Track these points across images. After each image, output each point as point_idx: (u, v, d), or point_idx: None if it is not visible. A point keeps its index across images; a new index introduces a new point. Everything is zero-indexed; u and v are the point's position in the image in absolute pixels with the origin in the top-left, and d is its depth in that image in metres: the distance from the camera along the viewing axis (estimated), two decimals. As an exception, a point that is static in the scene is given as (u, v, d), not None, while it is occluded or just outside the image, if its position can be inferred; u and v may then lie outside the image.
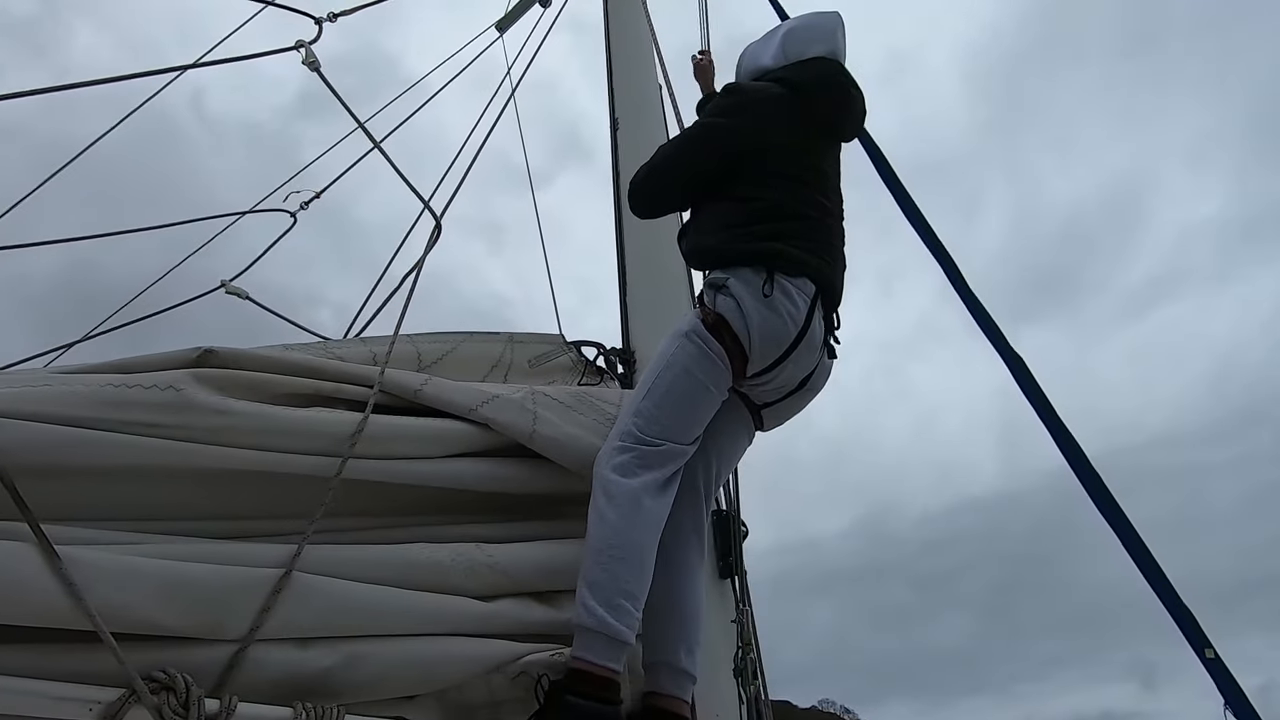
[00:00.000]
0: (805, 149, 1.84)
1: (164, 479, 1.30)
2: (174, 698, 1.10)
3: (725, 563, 2.20)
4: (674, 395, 1.64)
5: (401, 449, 1.54)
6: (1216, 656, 1.88)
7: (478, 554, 1.54)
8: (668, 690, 1.54)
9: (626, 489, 1.53)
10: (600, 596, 1.41)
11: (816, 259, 1.71)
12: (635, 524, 1.50)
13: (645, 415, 1.63)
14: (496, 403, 1.71)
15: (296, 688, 1.24)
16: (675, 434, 1.63)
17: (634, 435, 1.61)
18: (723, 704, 1.94)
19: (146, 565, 1.16)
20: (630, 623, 1.42)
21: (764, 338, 1.63)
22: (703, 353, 1.65)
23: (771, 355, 1.66)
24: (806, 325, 1.67)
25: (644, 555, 1.49)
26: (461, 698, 1.49)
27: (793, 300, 1.66)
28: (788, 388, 1.76)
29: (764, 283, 1.64)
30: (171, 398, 1.26)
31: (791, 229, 1.72)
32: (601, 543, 1.48)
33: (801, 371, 1.73)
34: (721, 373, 1.66)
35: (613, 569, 1.44)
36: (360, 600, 1.34)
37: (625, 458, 1.58)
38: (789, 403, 1.80)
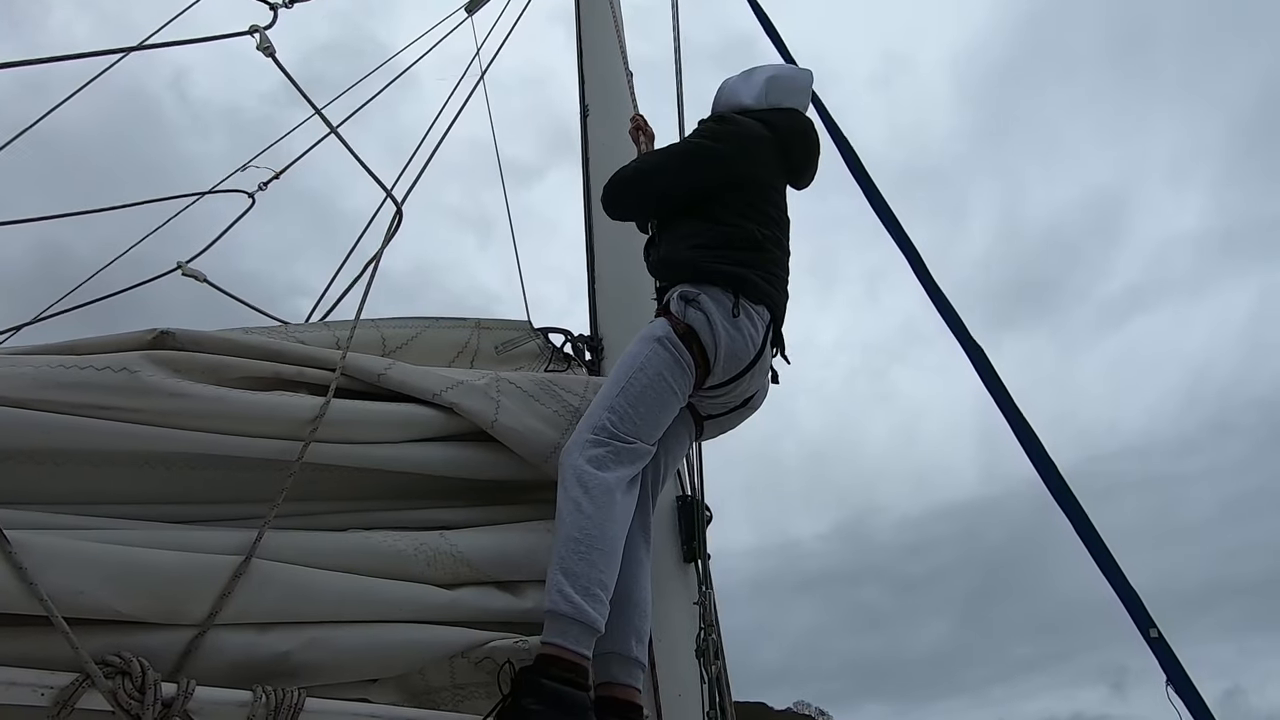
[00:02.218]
0: (774, 188, 2.03)
1: (118, 463, 1.28)
2: (129, 682, 1.09)
3: (689, 547, 2.24)
4: (648, 397, 1.70)
5: (364, 433, 1.54)
6: (1160, 636, 1.96)
7: (440, 542, 1.55)
8: (620, 679, 1.57)
9: (603, 482, 1.56)
10: (578, 585, 1.43)
11: (773, 290, 1.86)
12: (611, 517, 1.53)
13: (619, 412, 1.67)
14: (461, 388, 1.71)
15: (256, 672, 1.24)
16: (645, 434, 1.69)
17: (608, 430, 1.64)
18: (684, 684, 1.98)
19: (101, 551, 1.15)
20: (603, 612, 1.44)
21: (729, 354, 1.75)
22: (675, 360, 1.72)
23: (731, 371, 1.78)
24: (762, 349, 1.81)
25: (618, 548, 1.53)
26: (424, 681, 1.50)
27: (754, 324, 1.79)
28: (733, 404, 1.89)
29: (733, 305, 1.76)
30: (125, 379, 1.24)
31: (757, 259, 1.86)
32: (579, 532, 1.49)
33: (750, 389, 1.86)
34: (688, 381, 1.75)
35: (590, 558, 1.46)
36: (321, 587, 1.34)
37: (600, 451, 1.61)
38: (731, 417, 1.95)
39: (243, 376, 1.44)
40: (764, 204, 1.96)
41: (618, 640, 1.59)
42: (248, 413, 1.38)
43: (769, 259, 1.88)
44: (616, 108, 3.24)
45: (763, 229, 1.90)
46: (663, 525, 2.28)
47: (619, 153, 3.09)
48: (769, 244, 1.90)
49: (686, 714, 1.94)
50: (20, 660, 1.07)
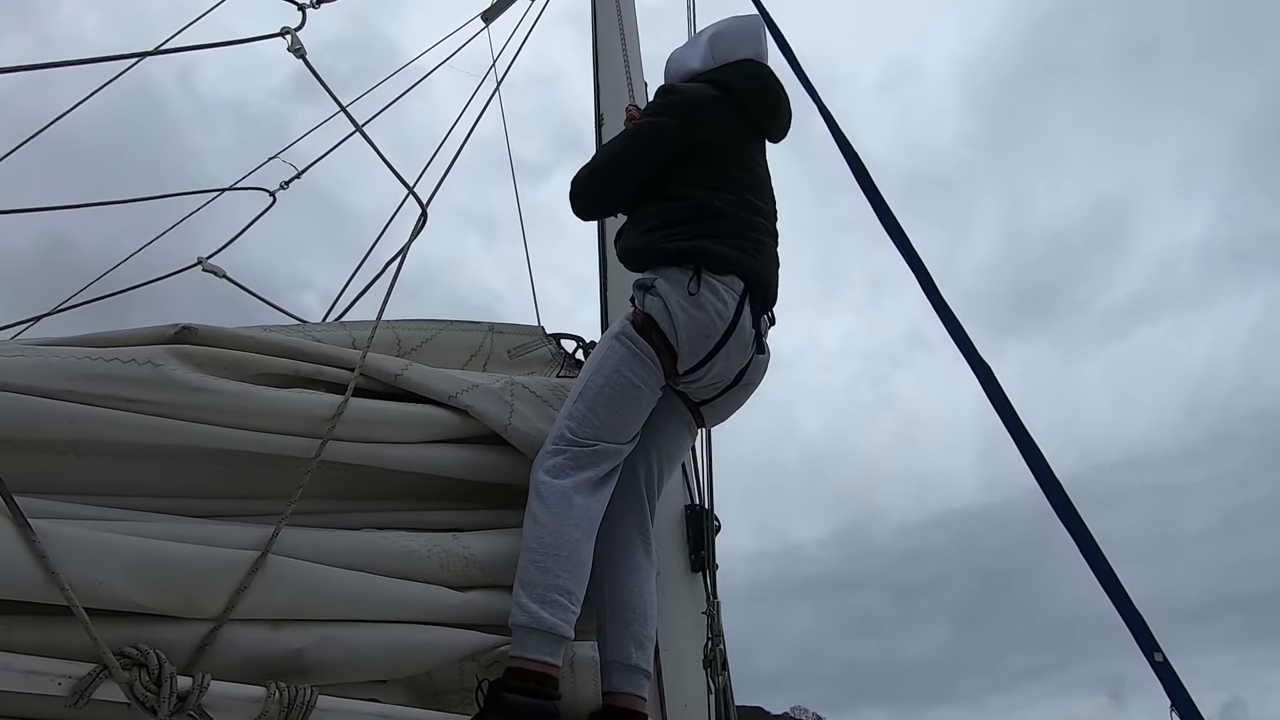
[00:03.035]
0: (737, 148, 1.89)
1: (141, 455, 1.29)
2: (146, 674, 1.10)
3: (697, 556, 2.23)
4: (605, 396, 1.66)
5: (381, 433, 1.54)
6: (1165, 660, 1.95)
7: (453, 544, 1.55)
8: (621, 688, 1.56)
9: (557, 489, 1.55)
10: (533, 594, 1.42)
11: (746, 256, 1.73)
12: (566, 521, 1.51)
13: (577, 418, 1.65)
14: (476, 391, 1.71)
15: (269, 668, 1.25)
16: (607, 434, 1.64)
17: (565, 438, 1.63)
18: (690, 694, 1.97)
19: (122, 542, 1.15)
20: (565, 617, 1.43)
21: (691, 335, 1.66)
22: (631, 353, 1.68)
23: (701, 351, 1.67)
24: (735, 322, 1.69)
25: (576, 551, 1.50)
26: (433, 683, 1.50)
27: (720, 297, 1.68)
28: (722, 383, 1.77)
29: (690, 280, 1.67)
30: (150, 373, 1.25)
31: (718, 227, 1.74)
32: (535, 543, 1.49)
33: (734, 367, 1.74)
34: (652, 371, 1.68)
35: (545, 565, 1.46)
36: (335, 585, 1.35)
37: (558, 460, 1.60)
38: (726, 399, 1.82)
39: (263, 373, 1.45)
40: (727, 167, 1.84)
41: (617, 648, 1.58)
42: (269, 409, 1.38)
43: (736, 224, 1.76)
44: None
45: (724, 195, 1.79)
46: (671, 534, 2.27)
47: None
48: (734, 209, 1.79)
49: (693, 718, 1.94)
50: (39, 649, 1.07)
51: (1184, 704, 1.87)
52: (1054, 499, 2.24)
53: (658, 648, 1.92)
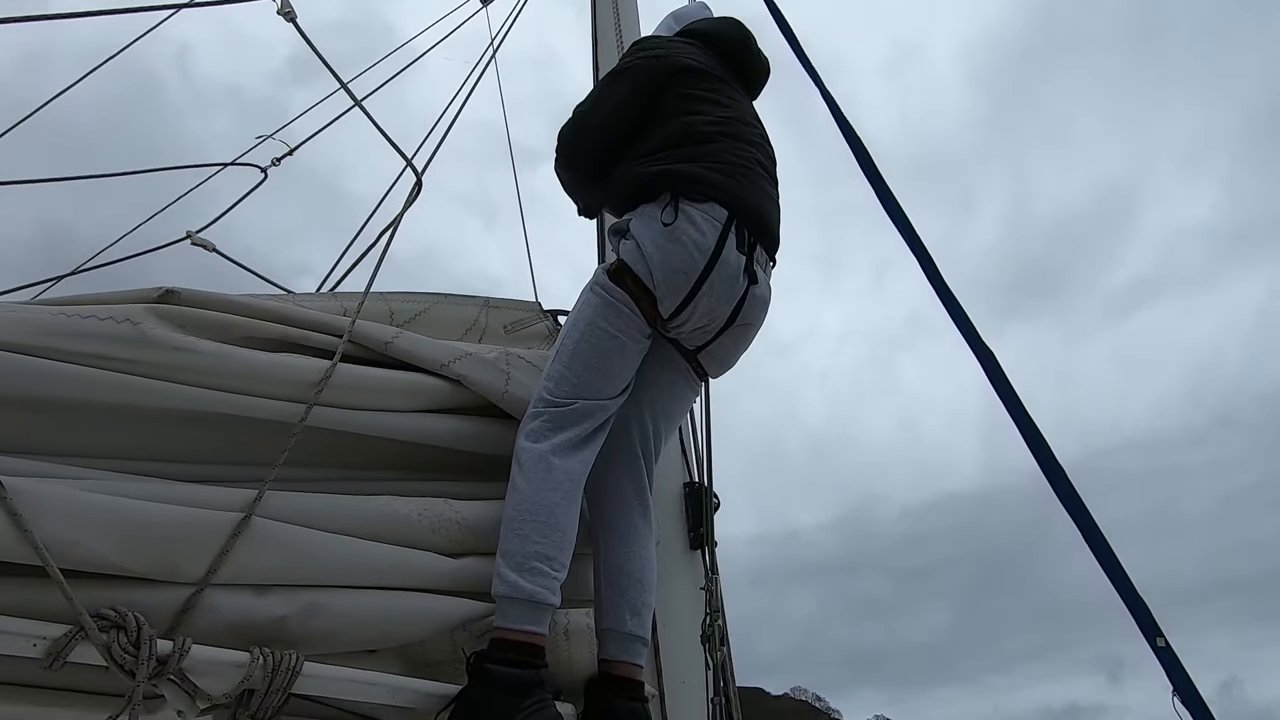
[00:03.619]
0: (718, 83, 1.85)
1: (119, 416, 1.26)
2: (124, 636, 1.07)
3: (695, 534, 2.20)
4: (581, 351, 1.59)
5: (370, 400, 1.51)
6: (1167, 645, 1.92)
7: (445, 510, 1.52)
8: (617, 656, 1.52)
9: (534, 453, 1.50)
10: (512, 563, 1.39)
11: (728, 180, 1.63)
12: (544, 486, 1.46)
13: (554, 377, 1.59)
14: (470, 360, 1.68)
15: (253, 634, 1.22)
16: (586, 390, 1.56)
17: (544, 399, 1.57)
18: (689, 670, 1.94)
19: (99, 501, 1.12)
20: (546, 583, 1.39)
21: (666, 270, 1.55)
22: (606, 302, 1.60)
23: (680, 290, 1.56)
24: (718, 252, 1.57)
25: (557, 515, 1.45)
26: (425, 653, 1.47)
27: (698, 227, 1.57)
28: (715, 324, 1.64)
29: (663, 210, 1.57)
30: (128, 331, 1.22)
31: (698, 152, 1.66)
32: (513, 510, 1.45)
33: (723, 303, 1.62)
34: (630, 319, 1.59)
35: (523, 533, 1.42)
36: (321, 549, 1.32)
37: (536, 423, 1.55)
38: (724, 342, 1.69)
39: (248, 336, 1.41)
40: (708, 99, 1.77)
41: (612, 615, 1.54)
42: (252, 371, 1.35)
43: (721, 149, 1.67)
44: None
45: (706, 119, 1.72)
46: (670, 512, 2.24)
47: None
48: (717, 135, 1.70)
49: (691, 700, 1.90)
50: (13, 610, 1.04)
51: (1186, 688, 1.85)
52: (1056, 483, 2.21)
53: (656, 623, 1.89)
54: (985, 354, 2.43)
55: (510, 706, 1.29)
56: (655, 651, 1.94)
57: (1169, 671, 1.88)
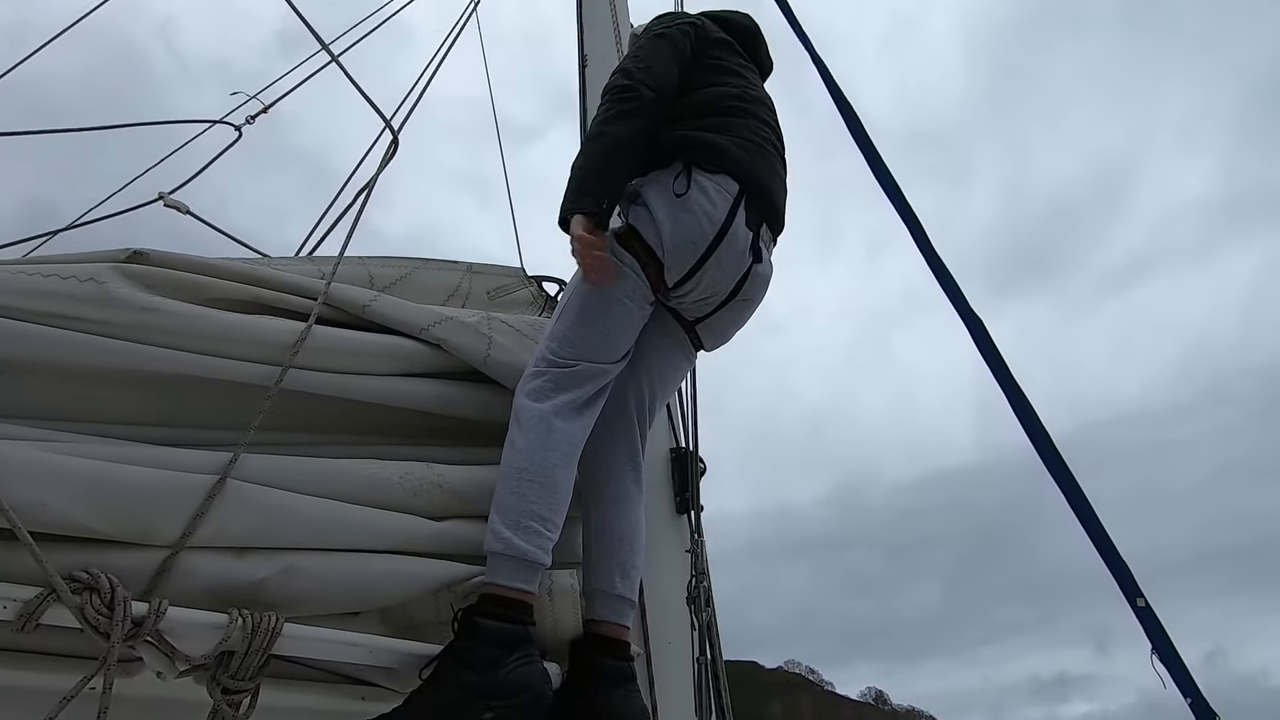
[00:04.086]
0: (741, 56, 1.88)
1: (86, 378, 1.23)
2: (97, 598, 1.06)
3: (682, 498, 2.21)
4: (586, 313, 1.58)
5: (347, 363, 1.49)
6: (1147, 605, 1.96)
7: (426, 472, 1.51)
8: (603, 616, 1.53)
9: (536, 412, 1.49)
10: (508, 520, 1.39)
11: (744, 155, 1.64)
12: (544, 446, 1.46)
13: (557, 337, 1.58)
14: (450, 324, 1.65)
15: (231, 597, 1.21)
16: (589, 353, 1.56)
17: (547, 359, 1.56)
18: (675, 632, 1.96)
19: (67, 464, 1.10)
20: (539, 543, 1.39)
21: (676, 240, 1.55)
22: (612, 266, 1.57)
23: (688, 260, 1.57)
24: (727, 225, 1.58)
25: (553, 477, 1.44)
26: (408, 615, 1.47)
27: (710, 198, 1.58)
28: (716, 298, 1.65)
29: (676, 178, 1.58)
30: (93, 290, 1.19)
31: (719, 123, 1.67)
32: (511, 468, 1.45)
33: (727, 277, 1.63)
34: (636, 285, 1.59)
35: (520, 490, 1.41)
36: (300, 512, 1.30)
37: (538, 382, 1.54)
38: (724, 316, 1.70)
39: (220, 298, 1.38)
40: (736, 67, 1.82)
41: (602, 577, 1.55)
42: (224, 333, 1.32)
43: (740, 124, 1.68)
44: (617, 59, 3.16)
45: (732, 92, 1.74)
46: (656, 477, 2.25)
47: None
48: (740, 109, 1.72)
49: (677, 661, 1.93)
50: (-20, 573, 1.03)
51: (1164, 647, 1.89)
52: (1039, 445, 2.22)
53: (642, 586, 1.90)
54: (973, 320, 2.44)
55: (498, 659, 1.30)
56: (641, 613, 1.96)
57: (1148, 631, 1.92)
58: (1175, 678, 1.86)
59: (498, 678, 1.28)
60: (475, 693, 1.26)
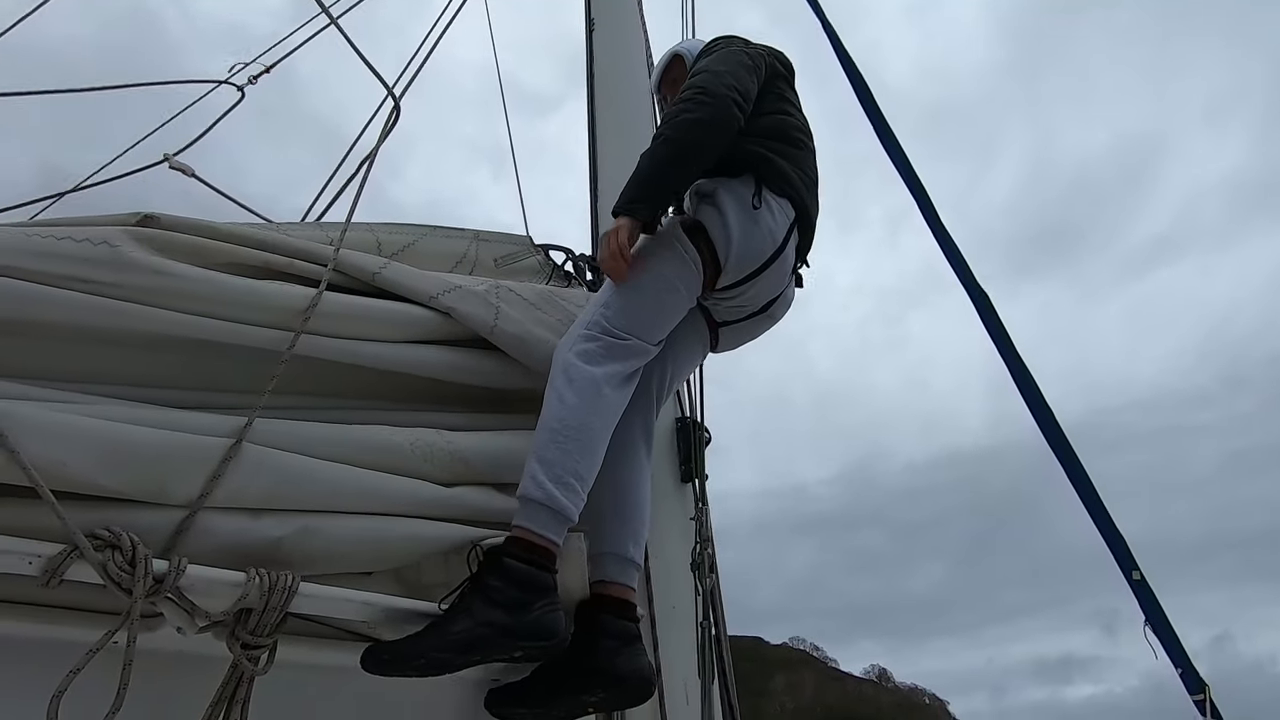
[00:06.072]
0: (791, 88, 1.94)
1: (100, 341, 1.24)
2: (119, 555, 1.08)
3: (686, 468, 2.24)
4: (646, 293, 1.64)
5: (358, 329, 1.49)
6: (1142, 578, 2.00)
7: (437, 439, 1.53)
8: (614, 578, 1.58)
9: (588, 374, 1.53)
10: (550, 472, 1.42)
11: (802, 186, 1.76)
12: (593, 409, 1.51)
13: (615, 309, 1.64)
14: (459, 293, 1.66)
15: (248, 556, 1.23)
16: (641, 331, 1.64)
17: (601, 326, 1.62)
18: (679, 598, 2.00)
19: (85, 424, 1.11)
20: (576, 502, 1.43)
21: (743, 250, 1.65)
22: (679, 256, 1.66)
23: (746, 269, 1.68)
24: (783, 247, 1.71)
25: (596, 441, 1.50)
26: (419, 578, 1.50)
27: (774, 218, 1.69)
28: (750, 309, 1.79)
29: (753, 195, 1.67)
30: (105, 253, 1.19)
31: (788, 151, 1.77)
32: (558, 422, 1.48)
33: (768, 293, 1.76)
34: (694, 278, 1.67)
35: (566, 448, 1.45)
36: (315, 475, 1.32)
37: (591, 345, 1.58)
38: (748, 325, 1.84)
39: (230, 263, 1.38)
40: (793, 99, 1.90)
41: (615, 541, 1.60)
42: (236, 298, 1.33)
43: (802, 156, 1.81)
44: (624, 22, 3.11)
45: (798, 125, 1.85)
46: (660, 446, 2.27)
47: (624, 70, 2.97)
48: (803, 143, 1.84)
49: (680, 626, 1.97)
50: (7, 531, 1.05)
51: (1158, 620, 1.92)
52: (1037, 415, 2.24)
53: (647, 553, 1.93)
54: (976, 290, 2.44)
55: (526, 601, 1.33)
56: (646, 579, 2.00)
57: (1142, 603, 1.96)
58: (1166, 648, 1.91)
59: (526, 620, 1.32)
60: (503, 631, 1.30)
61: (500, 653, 1.33)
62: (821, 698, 36.61)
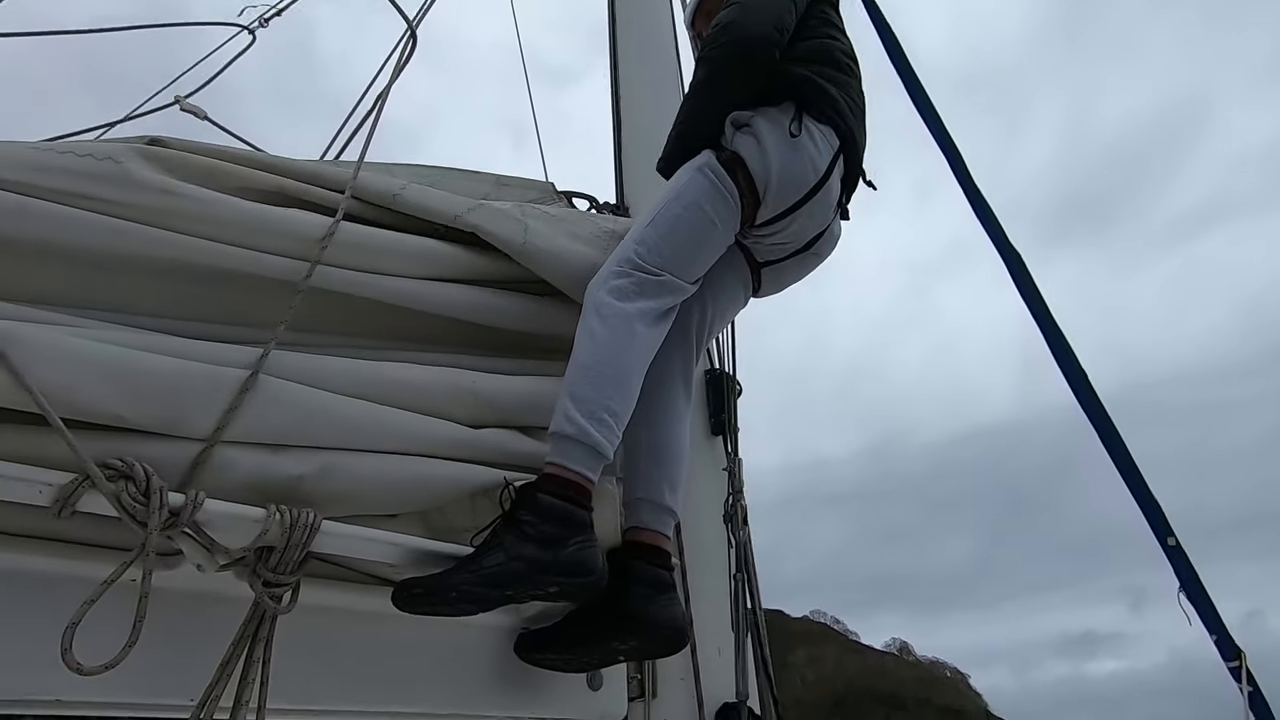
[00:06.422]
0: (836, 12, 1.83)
1: (106, 265, 1.16)
2: (132, 486, 1.03)
3: (717, 420, 2.18)
4: (681, 227, 1.56)
5: (378, 262, 1.42)
6: (1178, 544, 1.93)
7: (464, 380, 1.46)
8: (649, 525, 1.52)
9: (620, 311, 1.47)
10: (583, 408, 1.36)
11: (848, 112, 1.66)
12: (625, 346, 1.45)
13: (648, 244, 1.55)
14: (484, 210, 1.57)
15: (268, 492, 1.17)
16: (676, 267, 1.55)
17: (633, 261, 1.54)
18: (712, 548, 1.94)
19: (95, 349, 1.05)
20: (610, 438, 1.37)
21: (783, 180, 1.57)
22: (715, 188, 1.57)
23: (787, 200, 1.59)
24: (826, 177, 1.61)
25: (630, 378, 1.44)
26: (445, 520, 1.44)
27: (817, 146, 1.60)
28: (794, 245, 1.69)
29: (791, 121, 1.59)
30: (111, 169, 1.11)
31: (833, 75, 1.68)
32: (589, 359, 1.42)
33: (812, 227, 1.67)
34: (732, 212, 1.58)
35: (598, 385, 1.39)
36: (336, 411, 1.26)
37: (622, 282, 1.51)
38: (791, 265, 1.75)
39: (243, 187, 1.31)
40: (838, 23, 1.79)
41: (650, 487, 1.53)
42: (249, 223, 1.25)
43: (847, 82, 1.70)
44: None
45: (843, 49, 1.74)
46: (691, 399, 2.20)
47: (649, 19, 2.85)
48: (850, 68, 1.74)
49: (712, 576, 1.91)
50: (17, 460, 1.00)
51: (1193, 586, 1.85)
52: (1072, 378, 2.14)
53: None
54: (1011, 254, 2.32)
55: (561, 537, 1.28)
56: (676, 530, 1.94)
57: (1177, 570, 1.88)
58: (1201, 615, 1.83)
59: (561, 555, 1.27)
60: (538, 567, 1.25)
61: (535, 589, 1.28)
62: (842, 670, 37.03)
